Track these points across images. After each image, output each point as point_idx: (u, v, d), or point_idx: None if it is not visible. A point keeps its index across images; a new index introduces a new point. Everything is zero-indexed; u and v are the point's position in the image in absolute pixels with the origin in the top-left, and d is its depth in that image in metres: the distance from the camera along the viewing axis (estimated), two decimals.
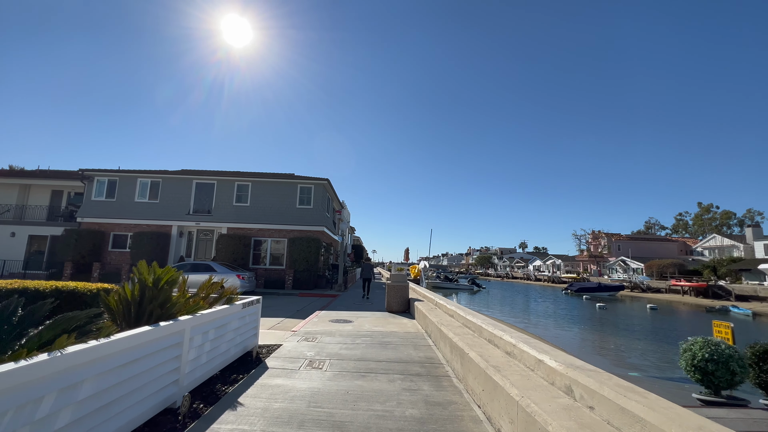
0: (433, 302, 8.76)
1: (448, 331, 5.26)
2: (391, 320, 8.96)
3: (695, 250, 59.91)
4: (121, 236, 19.21)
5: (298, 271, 17.98)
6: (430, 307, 8.16)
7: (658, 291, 41.27)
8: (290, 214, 19.61)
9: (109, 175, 19.85)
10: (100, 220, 19.25)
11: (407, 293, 10.54)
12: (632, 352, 14.26)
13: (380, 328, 7.81)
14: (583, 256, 68.73)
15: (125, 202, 19.63)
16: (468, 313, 5.93)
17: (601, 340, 16.60)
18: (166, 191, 19.84)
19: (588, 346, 15.26)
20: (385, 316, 9.58)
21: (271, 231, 19.42)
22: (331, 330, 7.39)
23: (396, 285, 10.41)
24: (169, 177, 19.95)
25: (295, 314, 10.71)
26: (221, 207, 19.68)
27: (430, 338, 6.69)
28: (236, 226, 19.35)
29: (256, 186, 19.97)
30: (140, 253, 17.96)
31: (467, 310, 6.53)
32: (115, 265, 18.52)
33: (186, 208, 19.68)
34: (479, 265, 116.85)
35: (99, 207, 19.50)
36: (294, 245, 18.30)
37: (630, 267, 54.36)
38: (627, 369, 11.24)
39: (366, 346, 6.04)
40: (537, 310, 26.03)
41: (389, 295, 10.43)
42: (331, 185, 21.15)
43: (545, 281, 64.43)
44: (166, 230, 19.31)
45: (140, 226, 19.26)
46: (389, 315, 9.87)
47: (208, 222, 19.44)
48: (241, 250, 18.21)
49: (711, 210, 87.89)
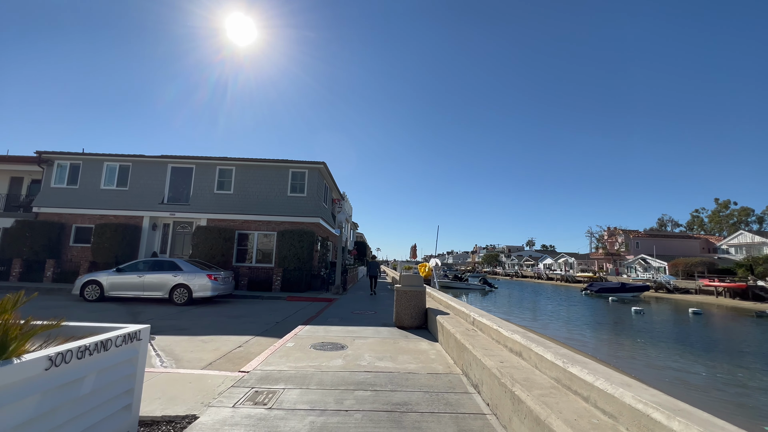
0: (468, 319, 5.86)
1: (541, 409, 2.38)
2: (403, 344, 6.09)
3: (720, 248, 56.27)
4: (84, 229, 16.52)
5: (288, 270, 15.18)
6: (466, 330, 5.26)
7: (686, 292, 37.95)
8: (280, 204, 16.80)
9: (71, 158, 17.15)
10: (61, 210, 16.57)
11: (423, 301, 7.66)
12: (742, 386, 10.28)
13: (388, 363, 4.93)
14: (598, 254, 65.27)
15: (90, 189, 16.93)
16: (559, 357, 3.02)
17: (683, 364, 12.20)
18: (137, 177, 17.10)
19: (668, 374, 10.97)
20: (394, 336, 6.71)
21: (257, 223, 16.63)
22: (307, 370, 4.52)
23: (409, 290, 7.53)
24: (141, 161, 17.21)
25: (271, 330, 7.88)
26: (200, 195, 16.91)
27: (479, 392, 3.81)
28: (218, 218, 16.58)
29: (240, 171, 17.16)
30: (104, 249, 15.27)
31: (545, 341, 3.62)
32: (75, 263, 15.84)
33: (160, 196, 16.93)
34: (486, 263, 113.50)
35: (59, 195, 16.82)
36: (284, 239, 15.49)
37: (651, 266, 50.95)
38: (761, 422, 7.81)
39: (364, 418, 3.17)
40: (566, 317, 22.81)
41: (399, 304, 7.57)
42: (329, 171, 18.29)
43: (558, 280, 61.13)
44: (136, 222, 16.58)
45: (107, 217, 16.56)
46: (399, 333, 7.00)
47: (184, 212, 16.68)
48: (221, 245, 15.43)
49: (729, 206, 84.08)
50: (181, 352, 5.90)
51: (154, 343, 6.44)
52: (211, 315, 9.67)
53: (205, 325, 8.22)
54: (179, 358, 5.57)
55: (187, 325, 8.23)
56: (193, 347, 6.22)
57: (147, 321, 8.63)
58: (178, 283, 11.20)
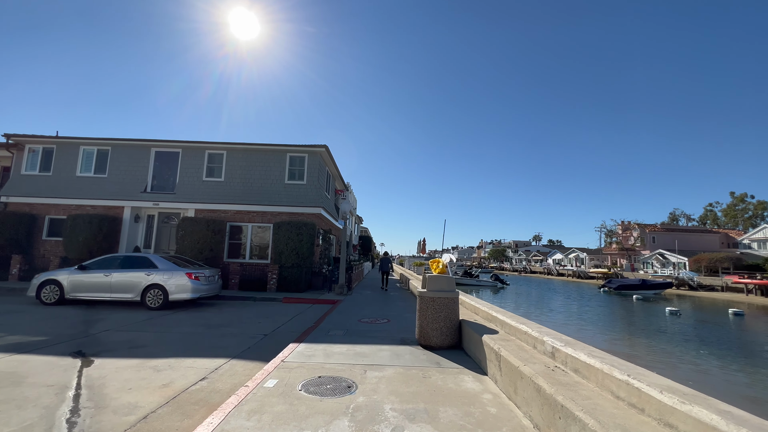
0: (540, 345, 3.92)
1: None
2: (437, 380, 4.18)
3: (741, 243, 53.69)
4: (59, 221, 14.75)
5: (286, 267, 13.33)
6: (546, 368, 3.32)
7: (712, 289, 35.68)
8: (277, 192, 14.92)
9: (44, 142, 15.34)
10: (32, 200, 14.81)
11: (457, 312, 5.75)
12: None
13: (425, 428, 3.03)
14: (611, 248, 62.81)
15: (65, 176, 15.14)
16: None
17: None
18: (117, 163, 15.27)
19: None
20: (420, 363, 4.82)
21: (252, 214, 14.76)
22: None
23: (437, 297, 5.62)
24: (121, 144, 15.37)
25: (256, 347, 6.01)
26: (188, 183, 15.06)
27: None
28: (207, 208, 14.74)
29: (232, 156, 15.27)
30: (77, 243, 13.50)
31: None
32: (48, 258, 14.11)
33: (142, 183, 15.11)
34: (492, 258, 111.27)
35: (30, 183, 15.05)
36: (280, 232, 13.62)
37: (669, 261, 48.57)
38: None
39: None
40: (594, 319, 20.52)
41: (424, 316, 5.66)
42: (331, 156, 16.34)
43: (570, 276, 58.85)
44: (116, 212, 14.79)
45: (83, 208, 14.78)
46: (427, 357, 5.11)
47: (169, 202, 14.85)
48: (209, 238, 13.61)
49: (745, 200, 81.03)
50: (115, 389, 4.05)
51: (88, 372, 4.61)
52: (186, 323, 7.83)
53: (172, 340, 6.39)
54: (105, 402, 3.71)
55: (148, 339, 6.39)
56: (137, 380, 4.37)
57: (102, 332, 6.82)
58: (152, 284, 9.39)
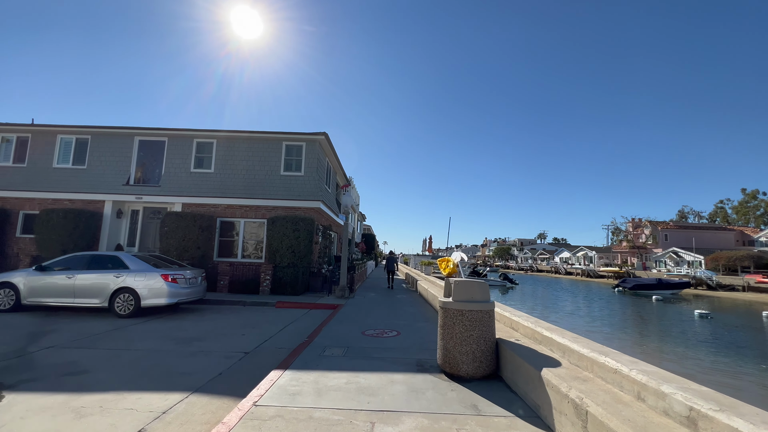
0: (651, 396, 2.52)
1: None
2: None
3: (758, 240, 51.82)
4: (34, 216, 13.49)
5: (281, 267, 11.99)
6: None
7: (732, 289, 34.02)
8: (272, 185, 13.57)
9: (18, 130, 14.08)
10: (5, 194, 13.56)
11: (493, 329, 4.33)
12: None
13: None
14: (621, 247, 61.03)
15: (40, 168, 13.87)
16: None
17: None
18: (97, 153, 13.98)
19: None
20: (448, 405, 3.41)
21: (244, 209, 13.43)
22: None
23: (468, 310, 4.21)
24: (102, 132, 14.06)
25: (229, 372, 4.60)
26: (174, 175, 13.74)
27: None
28: (195, 202, 13.42)
29: (223, 145, 13.93)
30: (50, 240, 12.24)
31: None
32: (19, 258, 12.86)
33: (125, 176, 13.81)
34: (497, 256, 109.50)
35: (3, 175, 13.80)
36: (275, 228, 12.28)
37: (684, 259, 46.85)
38: None
39: None
40: (621, 324, 18.63)
41: (449, 334, 4.26)
42: (332, 146, 14.96)
43: (578, 275, 57.20)
44: (96, 207, 13.51)
45: (61, 202, 13.51)
46: (456, 395, 3.71)
47: (154, 195, 13.54)
48: (197, 235, 12.29)
49: (757, 197, 78.87)
50: None
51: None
52: (153, 337, 6.49)
53: (126, 362, 5.03)
54: None
55: (95, 361, 5.03)
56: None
57: (43, 349, 5.50)
58: (122, 287, 8.06)
